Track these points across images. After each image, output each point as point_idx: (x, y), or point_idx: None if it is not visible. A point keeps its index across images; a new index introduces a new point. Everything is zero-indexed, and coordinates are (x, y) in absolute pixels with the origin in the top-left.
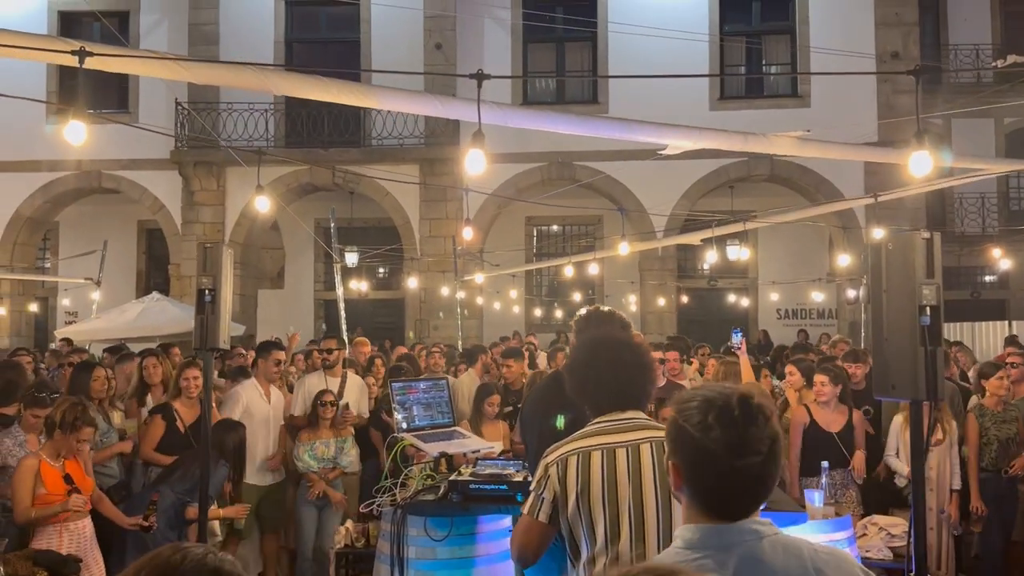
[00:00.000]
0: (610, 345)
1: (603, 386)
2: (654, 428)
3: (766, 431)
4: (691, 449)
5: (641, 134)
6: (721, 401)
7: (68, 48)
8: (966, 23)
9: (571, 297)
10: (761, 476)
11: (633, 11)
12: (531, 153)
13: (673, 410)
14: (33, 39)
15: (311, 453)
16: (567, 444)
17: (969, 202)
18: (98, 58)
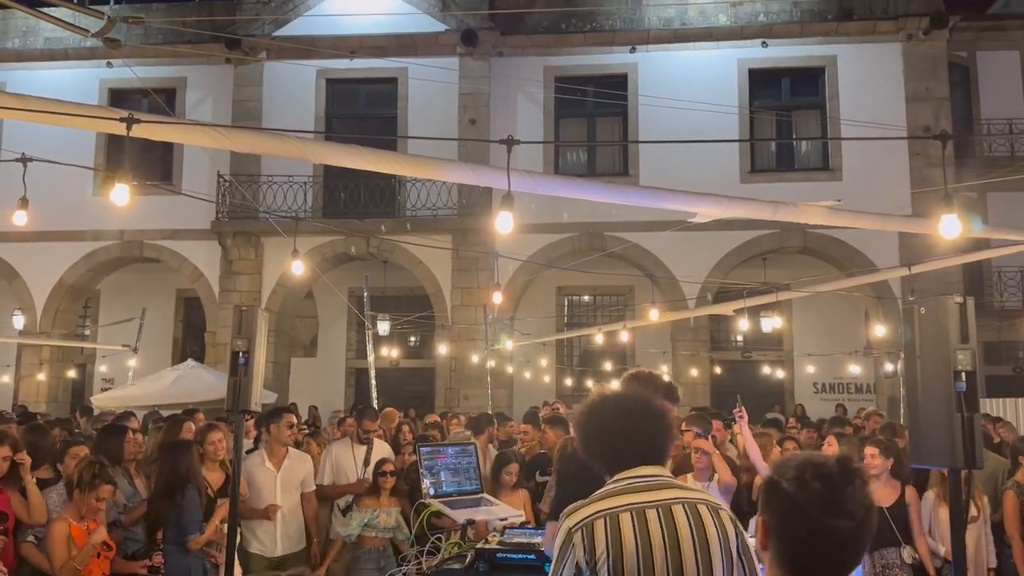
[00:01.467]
0: (619, 397)
1: (615, 437)
2: (684, 488)
3: (862, 496)
4: (784, 503)
5: (671, 202)
6: (820, 460)
7: (117, 116)
8: (997, 97)
9: (602, 366)
10: (852, 541)
11: (663, 87)
12: (562, 224)
13: (770, 469)
14: (85, 108)
15: (373, 522)
16: (589, 505)
17: (1008, 275)
18: (145, 126)
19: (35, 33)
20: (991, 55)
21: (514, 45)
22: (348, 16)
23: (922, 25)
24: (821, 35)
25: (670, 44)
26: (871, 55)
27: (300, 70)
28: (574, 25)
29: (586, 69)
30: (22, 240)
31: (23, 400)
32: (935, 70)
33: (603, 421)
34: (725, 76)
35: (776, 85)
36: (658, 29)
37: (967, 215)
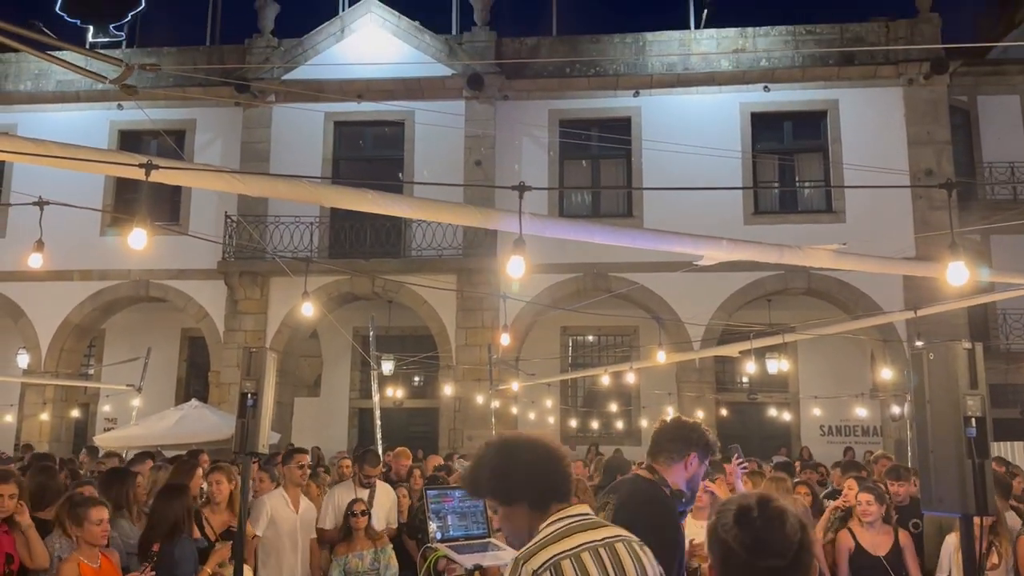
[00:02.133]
0: (528, 438)
1: (542, 476)
2: (613, 526)
3: (789, 535)
4: (720, 547)
5: (677, 245)
6: (747, 503)
7: (136, 162)
8: (999, 141)
9: (607, 408)
10: None
11: (667, 130)
12: (566, 264)
13: (713, 514)
14: (105, 153)
15: (344, 568)
16: (547, 548)
17: (1013, 318)
18: (163, 171)
19: (47, 76)
20: (992, 99)
21: (519, 89)
22: (356, 59)
23: (923, 70)
24: (823, 80)
25: (673, 88)
26: (873, 99)
27: (308, 113)
28: (578, 70)
29: (590, 112)
30: (29, 279)
31: (26, 439)
32: (936, 114)
33: (525, 460)
34: (728, 119)
35: (779, 128)
36: (661, 74)
37: (974, 261)
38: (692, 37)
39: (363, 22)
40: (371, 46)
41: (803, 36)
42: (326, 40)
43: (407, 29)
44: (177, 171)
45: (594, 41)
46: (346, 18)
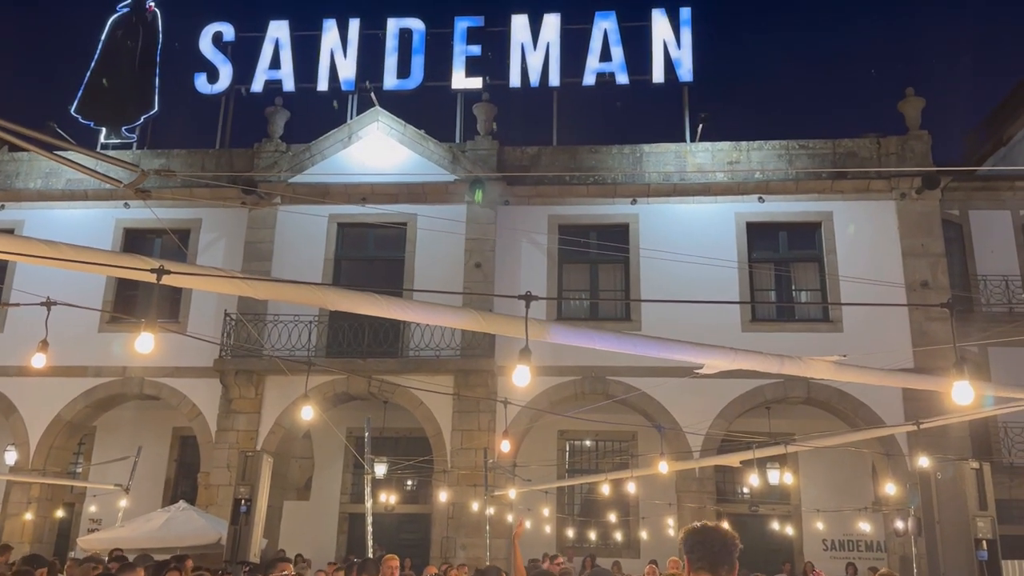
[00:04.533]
0: None
1: None
2: None
3: None
4: None
5: (678, 352)
6: None
7: (148, 267)
8: (993, 255)
9: (605, 517)
10: None
11: (664, 237)
12: (565, 367)
13: None
14: (117, 257)
15: None
16: None
17: (1015, 432)
18: (174, 276)
19: (57, 174)
20: (983, 214)
21: (520, 195)
22: (361, 164)
23: (915, 185)
24: (816, 192)
25: (670, 197)
26: (866, 212)
27: (313, 213)
28: (577, 178)
29: (589, 218)
30: (22, 375)
31: (7, 540)
32: (929, 227)
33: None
34: (724, 228)
35: (774, 238)
36: (658, 183)
37: (974, 375)
38: (688, 149)
39: (370, 129)
40: (377, 152)
41: (796, 150)
42: (333, 146)
43: (412, 137)
44: (187, 276)
45: (593, 151)
46: (353, 126)
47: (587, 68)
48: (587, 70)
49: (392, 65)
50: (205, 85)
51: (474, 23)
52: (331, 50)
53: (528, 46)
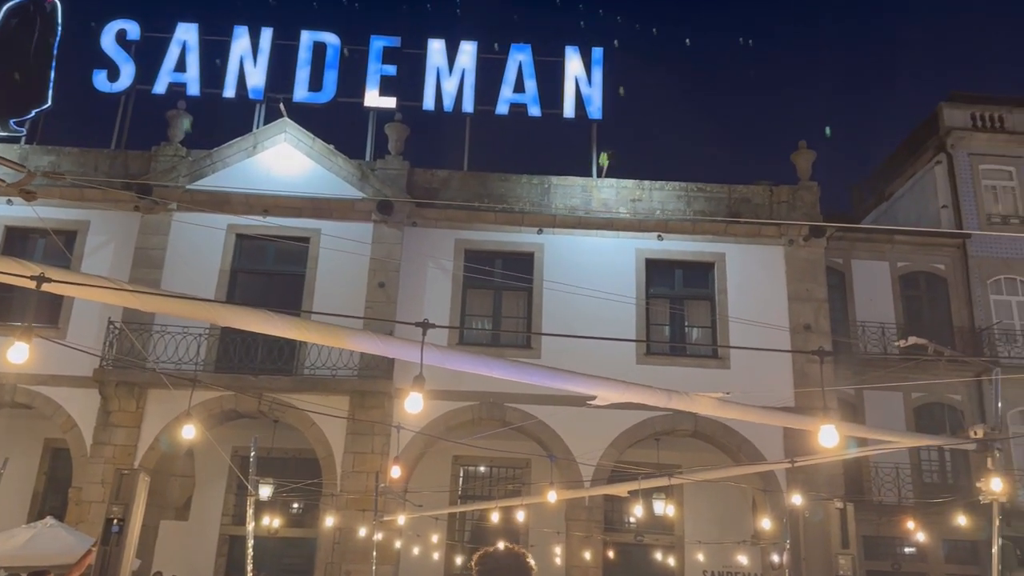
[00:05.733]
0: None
1: None
2: None
3: None
4: None
5: (572, 384)
6: None
7: (28, 273)
8: (871, 303)
9: (494, 544)
10: None
11: (567, 268)
12: (462, 392)
13: None
14: None
15: None
16: None
17: (884, 471)
18: (56, 284)
19: None
20: (864, 263)
21: (428, 217)
22: (265, 176)
23: (802, 233)
24: (712, 234)
25: (574, 229)
26: (757, 255)
27: (210, 222)
28: (486, 205)
29: (495, 245)
30: None
31: None
32: (814, 273)
33: None
34: (624, 263)
35: (670, 276)
36: (564, 215)
37: (848, 416)
38: (594, 184)
39: (276, 140)
40: (282, 164)
41: (695, 192)
42: (237, 154)
43: (320, 151)
44: (70, 285)
45: (503, 179)
46: (259, 135)
47: (501, 97)
48: (501, 99)
49: (304, 78)
50: (104, 83)
51: (390, 43)
52: (241, 57)
53: (444, 71)
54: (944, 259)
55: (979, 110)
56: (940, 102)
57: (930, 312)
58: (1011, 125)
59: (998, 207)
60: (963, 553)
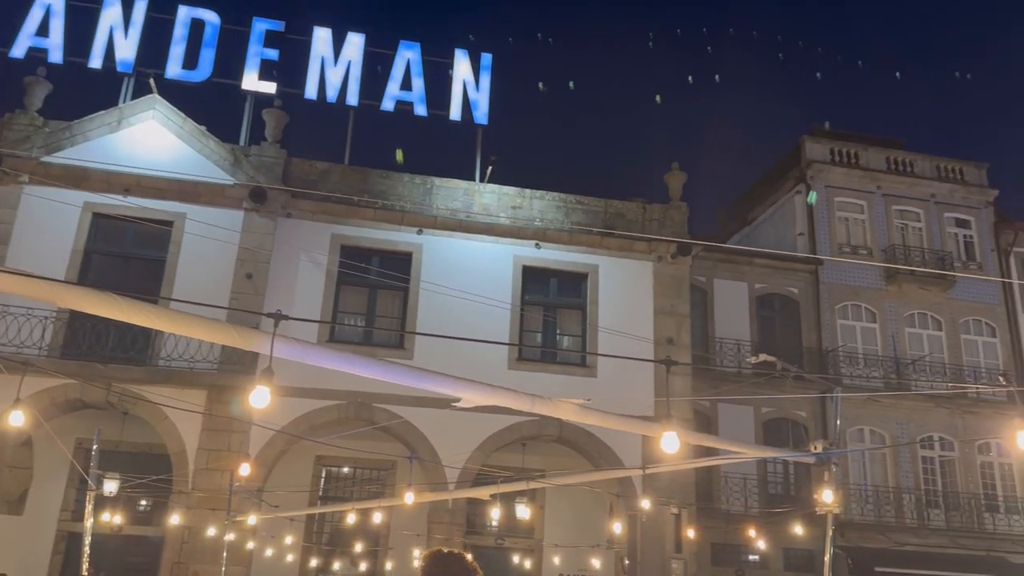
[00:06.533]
0: None
1: None
2: None
3: None
4: None
5: (435, 385)
6: None
7: None
8: (729, 321)
9: (352, 547)
10: None
11: (445, 270)
12: (330, 390)
13: None
14: None
15: None
16: None
17: (733, 481)
18: None
19: None
20: (725, 283)
21: (304, 209)
22: (129, 153)
23: (670, 250)
24: (587, 245)
25: (454, 232)
26: (627, 269)
27: (65, 198)
28: (366, 201)
29: (373, 243)
30: None
31: None
32: (679, 290)
33: None
34: (502, 268)
35: (546, 284)
36: (444, 217)
37: (703, 427)
38: (476, 189)
39: (144, 117)
40: (149, 142)
41: (573, 204)
42: (99, 128)
43: (191, 132)
44: None
45: (384, 176)
46: (126, 110)
47: (387, 93)
48: (387, 95)
49: (179, 54)
50: None
51: (274, 27)
52: (111, 27)
53: (329, 60)
54: (798, 283)
55: (837, 146)
56: (803, 135)
57: (782, 332)
58: (865, 162)
59: (849, 238)
60: (800, 561)
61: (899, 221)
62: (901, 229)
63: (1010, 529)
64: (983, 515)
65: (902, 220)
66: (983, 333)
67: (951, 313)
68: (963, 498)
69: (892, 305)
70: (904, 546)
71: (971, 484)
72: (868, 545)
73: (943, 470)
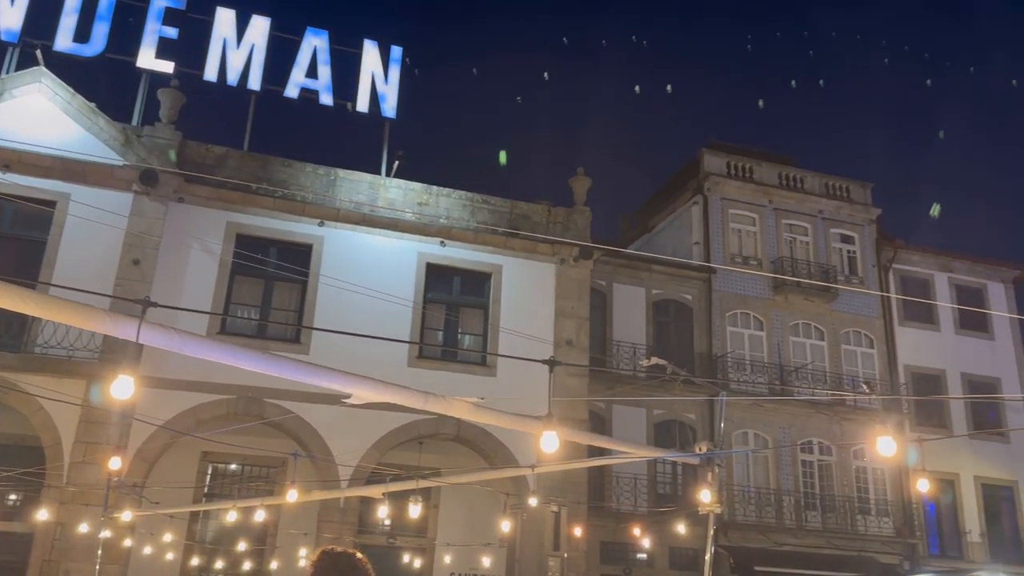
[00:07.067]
0: None
1: None
2: None
3: None
4: None
5: (322, 380)
6: None
7: None
8: (627, 325)
9: (235, 546)
10: None
11: (346, 264)
12: (219, 384)
13: None
14: None
15: None
16: None
17: (624, 481)
18: None
19: None
20: (624, 288)
21: (198, 194)
22: (10, 127)
23: (572, 253)
24: (492, 245)
25: (358, 226)
26: (530, 270)
27: None
28: (265, 189)
29: (271, 232)
30: None
31: None
32: (580, 293)
33: None
34: (405, 265)
35: (449, 282)
36: (348, 210)
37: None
38: (382, 183)
39: (28, 90)
40: (33, 118)
41: (479, 204)
42: None
43: (80, 108)
44: None
45: (286, 164)
46: (8, 82)
47: (291, 80)
48: (291, 82)
49: (70, 26)
50: None
51: (174, 4)
52: None
53: (231, 42)
54: (692, 290)
55: (734, 160)
56: (702, 148)
57: (677, 337)
58: (759, 177)
59: (741, 248)
60: (685, 560)
61: (788, 235)
62: (790, 242)
63: (880, 531)
64: (856, 517)
65: (791, 234)
66: (862, 344)
67: (833, 324)
68: (838, 501)
69: (778, 314)
70: (783, 546)
71: (846, 487)
72: (749, 545)
73: (821, 473)
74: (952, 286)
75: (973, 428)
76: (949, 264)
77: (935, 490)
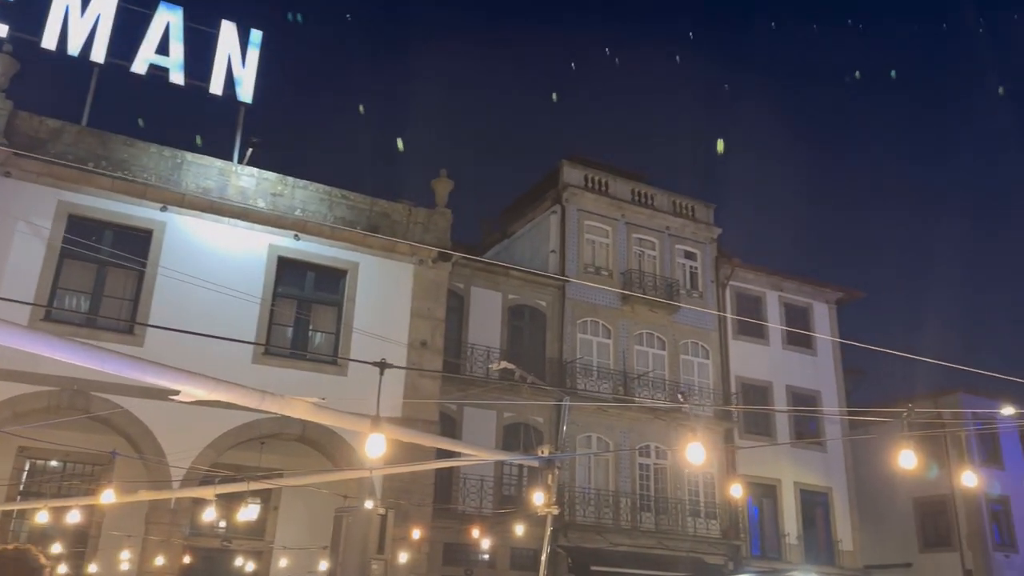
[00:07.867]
0: None
1: None
2: None
3: None
4: None
5: (150, 376)
6: None
7: None
8: (482, 328)
9: (49, 547)
10: None
11: (190, 256)
12: (39, 375)
13: None
14: None
15: None
16: None
17: (472, 483)
18: None
19: None
20: (481, 292)
21: (27, 169)
22: None
23: (431, 255)
24: (349, 242)
25: (204, 213)
26: (388, 270)
27: None
28: (104, 168)
29: (107, 215)
30: None
31: None
32: (437, 295)
33: None
34: (255, 257)
35: (302, 277)
36: (194, 196)
37: (449, 430)
38: (233, 169)
39: None
40: None
41: (338, 198)
42: None
43: None
44: None
45: (128, 144)
46: None
47: (140, 56)
48: (139, 58)
49: None
50: None
51: None
52: None
53: (75, 9)
54: (547, 297)
55: (591, 173)
56: (562, 159)
57: (530, 342)
58: (613, 191)
59: (594, 259)
60: (526, 560)
61: (638, 248)
62: (639, 255)
63: (708, 532)
64: (687, 519)
65: (640, 247)
66: (699, 355)
67: (674, 335)
68: (671, 503)
69: (625, 324)
70: (618, 546)
71: (679, 491)
72: (587, 545)
73: (657, 477)
74: (782, 304)
75: (795, 437)
76: (780, 283)
77: (758, 494)
